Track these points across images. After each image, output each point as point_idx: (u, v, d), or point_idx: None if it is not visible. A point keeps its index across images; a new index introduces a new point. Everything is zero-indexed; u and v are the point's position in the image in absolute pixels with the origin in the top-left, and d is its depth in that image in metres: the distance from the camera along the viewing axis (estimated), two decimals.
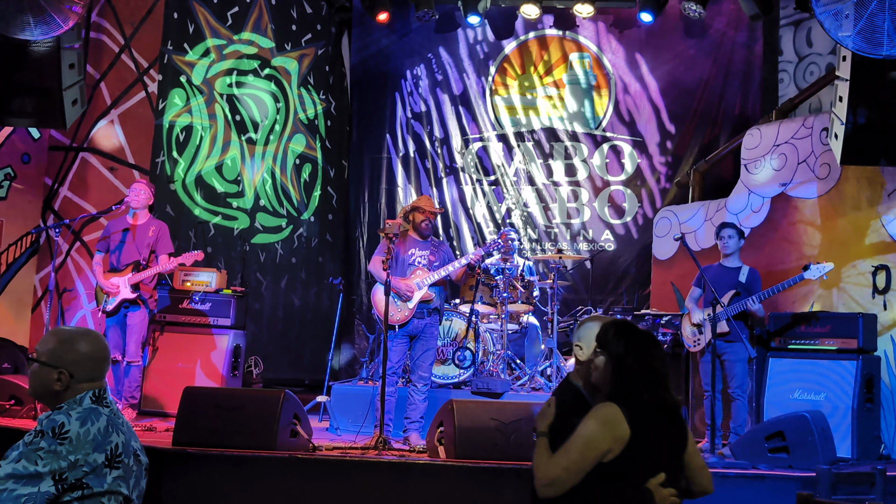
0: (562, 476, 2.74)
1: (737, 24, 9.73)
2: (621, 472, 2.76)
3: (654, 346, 2.95)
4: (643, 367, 2.86)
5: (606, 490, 2.77)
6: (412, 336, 6.43)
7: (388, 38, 10.57)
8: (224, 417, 5.42)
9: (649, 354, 2.89)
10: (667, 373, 2.93)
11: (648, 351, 2.90)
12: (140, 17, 9.06)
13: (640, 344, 2.91)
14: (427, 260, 6.40)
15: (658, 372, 2.88)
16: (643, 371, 2.86)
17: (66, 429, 2.49)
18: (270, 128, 9.72)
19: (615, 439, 2.74)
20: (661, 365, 2.90)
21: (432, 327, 6.48)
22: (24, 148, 8.73)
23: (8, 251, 8.56)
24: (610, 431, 2.75)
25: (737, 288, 6.50)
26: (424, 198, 6.65)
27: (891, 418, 6.60)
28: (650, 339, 2.97)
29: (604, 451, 2.74)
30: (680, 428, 2.93)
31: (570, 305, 9.28)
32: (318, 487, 5.15)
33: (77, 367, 2.64)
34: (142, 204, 6.96)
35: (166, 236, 6.97)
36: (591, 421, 2.79)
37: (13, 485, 2.40)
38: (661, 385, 2.88)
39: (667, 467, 2.81)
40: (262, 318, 9.51)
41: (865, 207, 7.07)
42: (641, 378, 2.85)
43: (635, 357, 2.87)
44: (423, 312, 6.38)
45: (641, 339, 2.93)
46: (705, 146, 9.74)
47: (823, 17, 5.55)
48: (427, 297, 6.32)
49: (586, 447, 2.75)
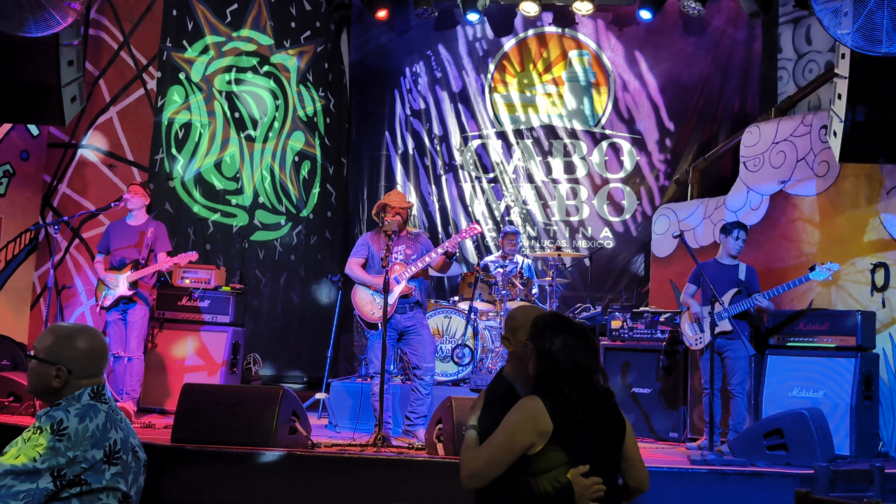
0: (483, 468, 2.78)
1: (736, 21, 9.73)
2: (546, 465, 2.77)
3: (581, 338, 2.91)
4: (566, 360, 2.84)
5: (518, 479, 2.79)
6: (400, 332, 6.36)
7: (388, 35, 10.57)
8: (223, 414, 5.42)
9: (573, 346, 2.87)
10: (593, 365, 2.90)
11: (572, 343, 2.87)
12: (139, 14, 9.05)
13: (564, 336, 2.88)
14: (404, 254, 6.34)
15: (581, 365, 2.85)
16: (566, 364, 2.84)
17: (65, 425, 2.49)
18: (269, 125, 9.71)
19: (538, 433, 2.76)
20: (585, 357, 2.87)
21: (419, 320, 6.39)
22: (23, 145, 8.73)
23: (7, 248, 8.56)
24: (532, 425, 2.76)
25: (737, 286, 6.51)
26: (393, 193, 6.59)
27: (889, 416, 6.60)
28: (577, 331, 2.93)
29: (526, 444, 2.76)
30: (613, 419, 2.91)
31: (569, 303, 9.28)
32: (317, 484, 5.16)
33: (75, 364, 2.64)
34: (138, 204, 7.02)
35: (164, 236, 7.07)
36: (514, 414, 2.81)
37: (11, 481, 2.40)
38: (585, 378, 2.85)
39: (595, 460, 2.80)
40: (261, 316, 9.51)
41: (864, 205, 7.07)
42: (564, 371, 2.83)
43: (558, 350, 2.85)
44: (406, 307, 6.31)
45: (567, 332, 2.90)
46: (704, 143, 9.73)
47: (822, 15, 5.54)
48: (406, 291, 6.25)
49: (508, 441, 2.76)
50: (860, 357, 6.34)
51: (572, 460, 2.77)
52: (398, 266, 6.24)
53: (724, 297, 6.40)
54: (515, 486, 2.78)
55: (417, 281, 6.37)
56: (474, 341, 7.57)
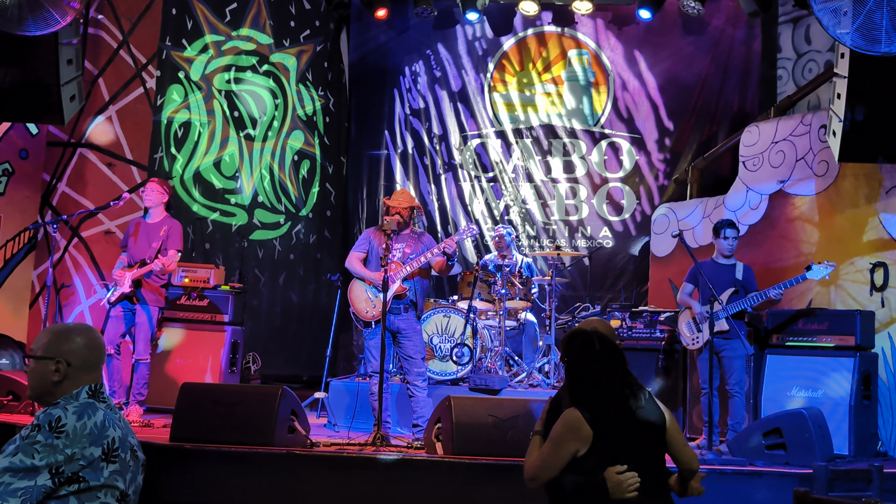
0: (539, 473, 3.11)
1: (735, 20, 9.73)
2: (594, 465, 3.05)
3: (593, 346, 3.17)
4: (586, 370, 3.15)
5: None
6: (393, 333, 6.29)
7: (387, 34, 10.57)
8: (222, 413, 5.42)
9: (590, 357, 3.16)
10: (614, 377, 3.15)
11: (589, 354, 3.16)
12: (138, 13, 9.04)
13: (580, 349, 3.19)
14: (402, 253, 6.28)
15: (598, 372, 3.13)
16: (585, 374, 3.15)
17: (63, 423, 2.50)
18: (269, 124, 9.71)
19: (580, 440, 3.05)
20: (604, 373, 3.13)
21: (411, 324, 6.30)
22: (22, 143, 8.72)
23: (6, 247, 8.56)
24: (574, 434, 3.05)
25: (735, 285, 6.50)
26: (398, 192, 6.55)
27: (888, 415, 6.61)
28: (591, 340, 3.19)
29: (572, 451, 3.06)
30: (649, 413, 3.17)
31: (569, 302, 9.29)
32: (316, 483, 5.16)
33: (74, 356, 2.66)
34: (154, 202, 6.93)
35: (176, 234, 6.88)
36: (558, 426, 3.10)
37: (10, 478, 2.40)
38: (608, 382, 3.13)
39: (637, 455, 3.09)
40: (260, 315, 9.50)
41: (863, 204, 7.07)
42: (588, 381, 3.14)
43: (577, 362, 3.17)
44: (400, 308, 6.23)
45: (583, 344, 3.20)
46: (703, 143, 9.73)
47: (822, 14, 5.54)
48: (400, 291, 6.18)
49: (555, 450, 3.08)
50: (859, 356, 6.34)
51: (615, 458, 3.04)
52: (394, 265, 6.18)
53: (721, 296, 6.40)
54: (564, 483, 3.10)
55: (413, 281, 6.32)
56: (473, 340, 7.56)
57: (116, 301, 6.79)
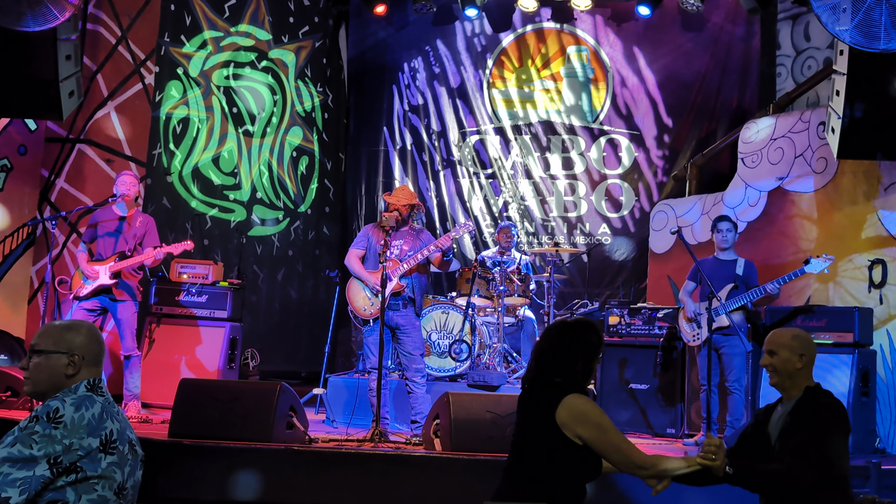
0: (635, 455, 3.18)
1: (734, 17, 9.73)
2: (589, 453, 3.15)
3: (576, 334, 3.28)
4: (586, 363, 3.26)
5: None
6: (392, 329, 6.29)
7: (386, 30, 10.56)
8: (220, 409, 5.42)
9: (576, 347, 3.26)
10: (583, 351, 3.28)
11: (575, 344, 3.26)
12: (137, 9, 9.01)
13: (569, 339, 3.27)
14: (400, 250, 6.28)
15: (592, 369, 3.29)
16: (588, 367, 3.28)
17: (61, 413, 2.52)
18: (267, 120, 9.70)
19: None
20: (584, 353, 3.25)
21: (410, 320, 6.32)
22: (21, 139, 8.71)
23: (4, 243, 8.55)
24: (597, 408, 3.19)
25: (734, 281, 6.51)
26: (398, 189, 6.55)
27: (886, 412, 6.62)
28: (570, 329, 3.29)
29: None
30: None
31: (567, 299, 9.28)
32: (314, 479, 5.16)
33: (86, 350, 2.70)
34: (133, 194, 6.88)
35: (154, 230, 6.86)
36: (596, 412, 3.14)
37: (8, 468, 2.43)
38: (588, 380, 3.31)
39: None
40: (259, 311, 9.50)
41: (862, 202, 7.08)
42: (585, 376, 3.28)
43: (579, 354, 3.24)
44: (399, 304, 6.25)
45: (571, 334, 3.29)
46: (702, 140, 9.73)
47: (821, 11, 5.55)
48: (397, 288, 6.19)
49: (613, 428, 3.12)
50: (857, 353, 6.36)
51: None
52: (391, 262, 6.18)
53: (720, 293, 6.40)
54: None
55: (411, 278, 6.32)
56: (472, 337, 7.56)
57: (90, 295, 6.65)
